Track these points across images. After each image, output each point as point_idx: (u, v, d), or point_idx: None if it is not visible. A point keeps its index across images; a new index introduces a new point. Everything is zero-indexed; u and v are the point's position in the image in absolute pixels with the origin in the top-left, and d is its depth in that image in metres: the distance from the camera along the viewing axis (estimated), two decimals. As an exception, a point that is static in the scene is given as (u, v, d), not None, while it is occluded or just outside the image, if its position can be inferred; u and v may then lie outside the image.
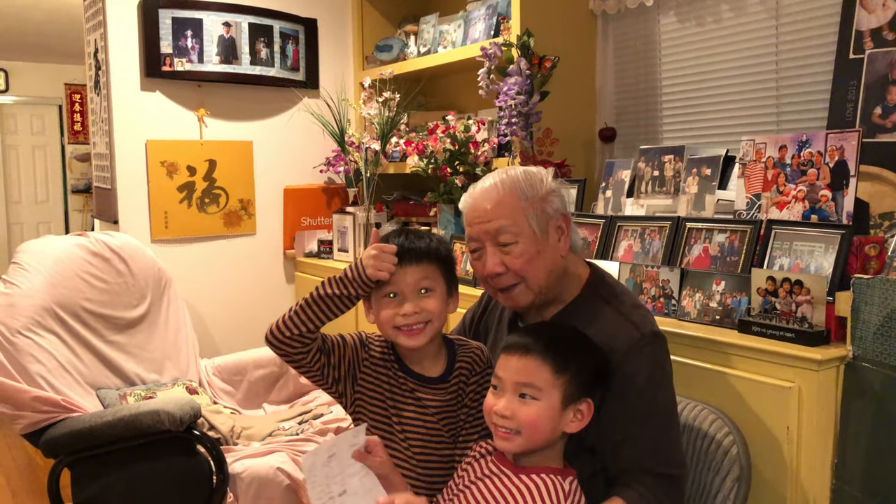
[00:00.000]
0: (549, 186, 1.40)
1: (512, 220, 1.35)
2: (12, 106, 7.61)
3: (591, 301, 1.40)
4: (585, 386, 1.23)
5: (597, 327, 1.33)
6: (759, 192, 1.84)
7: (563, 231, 1.39)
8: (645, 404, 1.30)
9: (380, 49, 3.30)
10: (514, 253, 1.35)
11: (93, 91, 3.22)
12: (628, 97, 2.66)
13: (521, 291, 1.38)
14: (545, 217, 1.37)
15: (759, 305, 1.61)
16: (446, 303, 1.40)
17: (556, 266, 1.38)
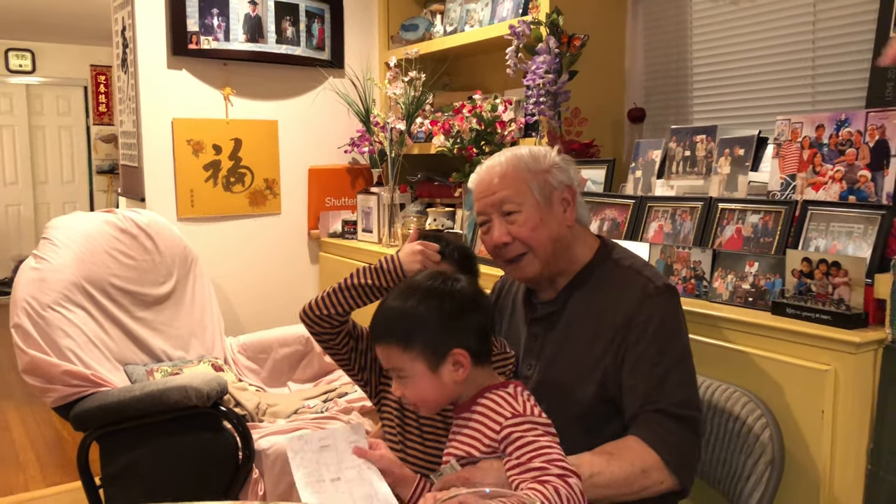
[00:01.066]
0: (553, 160, 1.43)
1: (515, 190, 1.39)
2: (39, 87, 7.68)
3: (602, 265, 1.43)
4: (441, 343, 1.23)
5: (609, 287, 1.38)
6: (794, 172, 1.80)
7: (568, 202, 1.42)
8: (657, 348, 1.31)
9: (405, 28, 3.28)
10: (518, 222, 1.38)
11: (120, 69, 3.23)
12: (658, 77, 2.61)
13: (529, 261, 1.40)
14: (548, 187, 1.40)
15: (794, 287, 1.58)
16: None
17: (561, 235, 1.40)
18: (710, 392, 1.55)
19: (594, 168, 2.34)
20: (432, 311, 1.23)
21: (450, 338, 1.23)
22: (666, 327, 1.33)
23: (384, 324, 1.26)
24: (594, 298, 1.39)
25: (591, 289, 1.40)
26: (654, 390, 1.29)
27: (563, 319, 1.41)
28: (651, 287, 1.35)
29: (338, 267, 3.21)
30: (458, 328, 1.24)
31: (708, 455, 1.53)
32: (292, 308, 3.28)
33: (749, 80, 2.31)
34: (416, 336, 1.22)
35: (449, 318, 1.23)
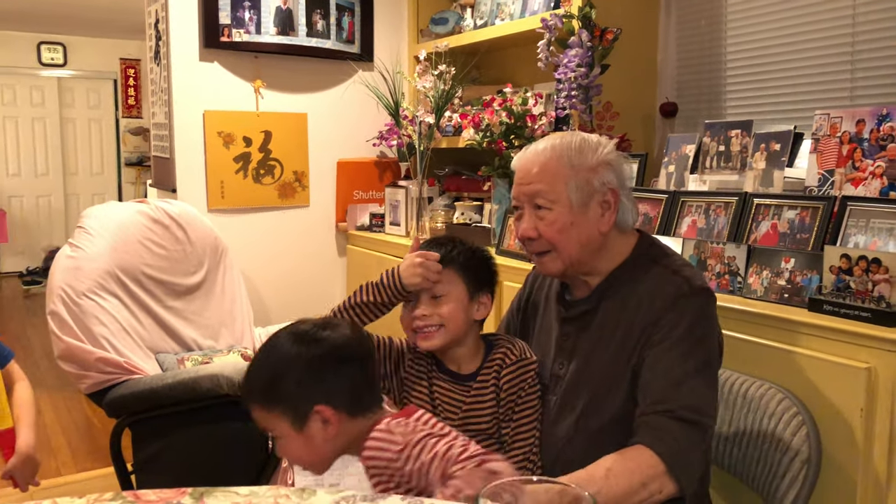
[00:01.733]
0: (604, 157, 1.34)
1: (550, 186, 1.33)
2: (70, 80, 7.80)
3: (639, 262, 1.37)
4: (302, 401, 1.18)
5: (646, 284, 1.33)
6: (832, 167, 1.78)
7: (609, 206, 1.34)
8: (681, 351, 1.26)
9: (435, 22, 3.27)
10: (547, 219, 1.34)
11: (152, 62, 3.26)
12: (691, 71, 2.59)
13: (551, 259, 1.37)
14: (589, 189, 1.33)
15: (832, 284, 1.56)
16: (467, 307, 1.41)
17: (591, 240, 1.35)
18: (745, 388, 1.54)
19: (627, 162, 2.32)
20: (291, 369, 1.18)
21: (312, 394, 1.17)
22: (694, 332, 1.27)
23: (246, 384, 1.23)
24: (630, 298, 1.34)
25: (627, 288, 1.35)
26: (668, 392, 1.25)
27: (597, 319, 1.36)
28: (686, 288, 1.29)
29: (365, 260, 3.23)
30: (321, 384, 1.18)
31: (742, 452, 1.52)
32: (320, 300, 3.33)
33: (785, 73, 2.28)
34: (275, 396, 1.18)
35: (309, 375, 1.18)
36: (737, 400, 1.54)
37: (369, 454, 1.20)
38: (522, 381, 1.40)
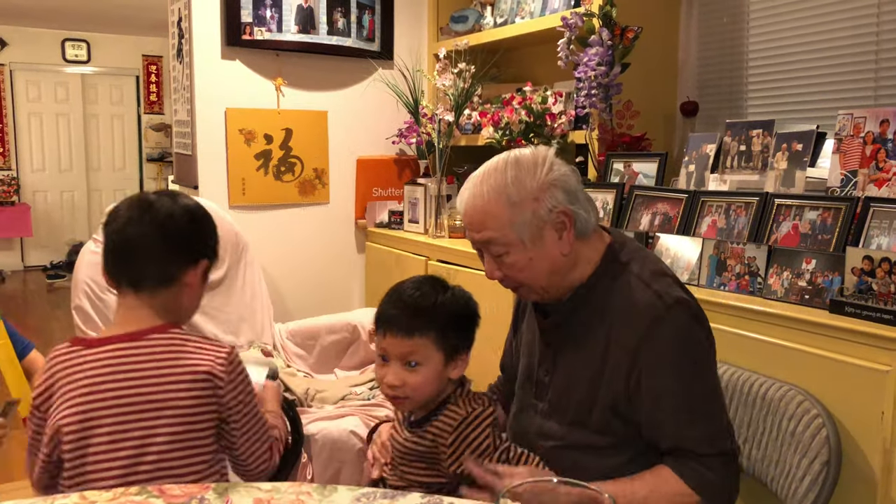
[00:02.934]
0: (545, 179, 1.27)
1: (499, 233, 1.27)
2: (93, 76, 7.89)
3: (609, 269, 1.33)
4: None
5: (620, 296, 1.29)
6: (855, 168, 1.76)
7: (564, 226, 1.28)
8: (676, 380, 1.24)
9: (455, 20, 3.28)
10: (506, 262, 1.30)
11: (175, 59, 3.30)
12: (712, 70, 2.57)
13: (525, 292, 1.36)
14: (537, 220, 1.26)
15: (854, 285, 1.55)
16: (441, 374, 1.32)
17: (556, 266, 1.30)
18: (765, 390, 1.53)
19: (646, 161, 2.32)
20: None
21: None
22: (682, 350, 1.25)
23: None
24: (606, 310, 1.31)
25: (601, 298, 1.31)
26: (684, 429, 1.24)
27: (574, 331, 1.34)
28: (660, 306, 1.24)
29: (383, 256, 3.24)
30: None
31: (761, 453, 1.52)
32: (339, 296, 3.36)
33: (807, 72, 2.26)
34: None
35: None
36: (756, 401, 1.54)
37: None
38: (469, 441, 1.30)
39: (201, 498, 1.10)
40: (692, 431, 1.24)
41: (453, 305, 1.34)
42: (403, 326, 1.30)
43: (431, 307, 1.31)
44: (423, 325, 1.30)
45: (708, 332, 1.32)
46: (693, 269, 1.92)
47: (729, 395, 1.60)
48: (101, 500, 1.09)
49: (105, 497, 1.10)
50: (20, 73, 7.51)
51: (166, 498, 1.10)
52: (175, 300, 1.38)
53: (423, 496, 1.12)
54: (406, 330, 1.29)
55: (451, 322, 1.32)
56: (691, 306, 1.29)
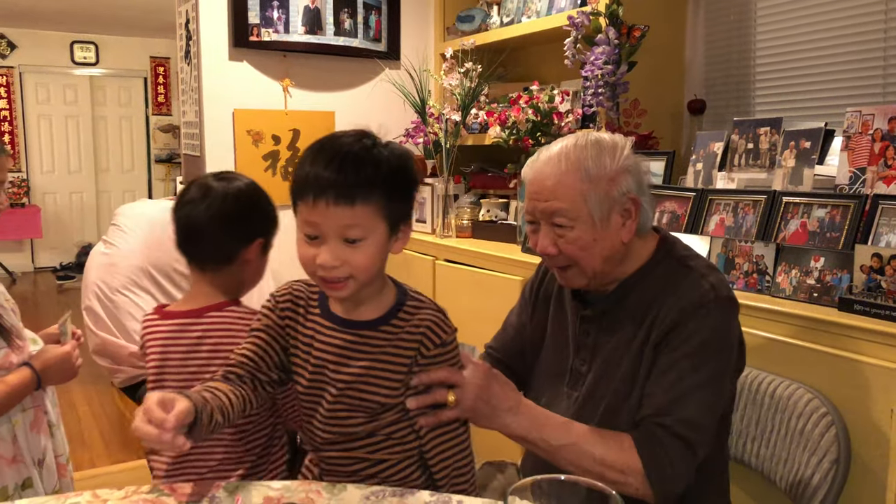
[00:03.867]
0: (623, 163, 1.27)
1: (570, 204, 1.25)
2: (101, 78, 7.93)
3: (664, 263, 1.32)
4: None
5: (671, 287, 1.28)
6: (863, 165, 1.76)
7: (630, 214, 1.28)
8: (691, 363, 1.22)
9: (461, 19, 3.28)
10: (567, 237, 1.27)
11: (183, 61, 3.31)
12: (719, 68, 2.57)
13: (574, 274, 1.32)
14: (609, 201, 1.26)
15: (863, 283, 1.55)
16: (385, 249, 1.12)
17: (614, 252, 1.29)
18: (773, 388, 1.53)
19: (653, 160, 2.32)
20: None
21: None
22: (711, 344, 1.23)
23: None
24: (654, 300, 1.28)
25: (651, 290, 1.30)
26: (671, 404, 1.22)
27: (618, 319, 1.33)
28: (711, 296, 1.23)
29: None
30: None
31: (770, 451, 1.52)
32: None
33: (815, 70, 2.26)
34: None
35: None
36: (765, 399, 1.54)
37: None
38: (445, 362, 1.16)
39: (212, 496, 1.11)
40: (675, 408, 1.21)
41: (396, 161, 1.10)
42: (343, 192, 1.04)
43: (375, 166, 1.07)
44: (367, 189, 1.05)
45: (741, 340, 1.32)
46: (701, 268, 1.92)
47: (737, 394, 1.60)
48: (113, 498, 1.10)
49: (117, 495, 1.11)
50: (29, 76, 7.55)
51: (177, 496, 1.11)
52: (235, 277, 1.51)
53: (432, 494, 1.12)
54: (347, 197, 1.04)
55: (396, 184, 1.09)
56: (737, 308, 1.29)
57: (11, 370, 1.52)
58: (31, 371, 1.53)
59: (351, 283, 1.10)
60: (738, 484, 1.69)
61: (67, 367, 1.59)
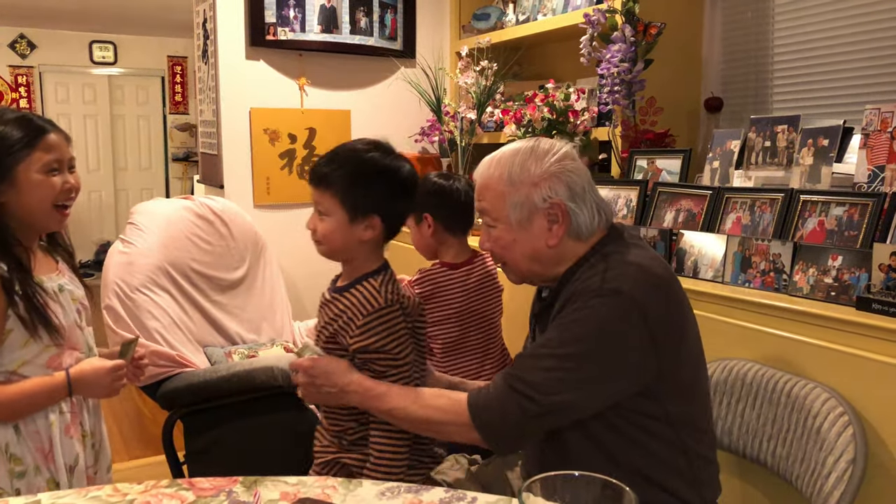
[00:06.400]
0: (549, 169, 1.30)
1: (492, 205, 1.33)
2: (119, 77, 7.99)
3: (591, 259, 1.32)
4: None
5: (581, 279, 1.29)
6: (882, 163, 1.74)
7: (557, 219, 1.30)
8: (557, 337, 1.24)
9: (477, 18, 3.28)
10: (492, 235, 1.36)
11: (200, 60, 3.34)
12: (736, 66, 2.55)
13: (507, 271, 1.41)
14: (529, 205, 1.30)
15: (881, 282, 1.53)
16: (347, 230, 1.42)
17: (538, 254, 1.33)
18: (790, 387, 1.53)
19: (669, 158, 2.31)
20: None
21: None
22: (582, 326, 1.23)
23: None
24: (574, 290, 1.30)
25: (576, 280, 1.31)
26: (522, 363, 1.27)
27: (552, 315, 1.33)
28: (596, 289, 1.24)
29: (405, 254, 3.25)
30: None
31: (786, 451, 1.51)
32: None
33: (833, 67, 2.24)
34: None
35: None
36: (781, 398, 1.53)
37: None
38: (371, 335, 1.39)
39: (230, 491, 1.12)
40: (523, 368, 1.26)
41: (364, 165, 1.41)
42: (314, 177, 1.44)
43: (340, 163, 1.41)
44: (327, 178, 1.41)
45: (640, 336, 1.23)
46: (717, 267, 1.91)
47: (753, 393, 1.60)
48: (132, 492, 1.12)
49: (137, 489, 1.12)
50: (49, 75, 7.63)
51: (196, 490, 1.12)
52: None
53: (447, 490, 1.13)
54: (315, 181, 1.43)
55: (354, 180, 1.40)
56: (631, 302, 1.22)
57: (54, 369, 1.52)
58: (65, 377, 1.51)
59: (321, 248, 1.46)
60: (753, 483, 1.69)
61: (103, 382, 1.54)
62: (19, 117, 1.48)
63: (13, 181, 1.45)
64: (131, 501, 1.09)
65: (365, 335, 1.38)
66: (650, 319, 1.22)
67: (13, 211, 1.47)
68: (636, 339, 1.22)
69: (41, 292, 1.48)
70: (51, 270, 1.58)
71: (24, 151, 1.45)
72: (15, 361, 1.48)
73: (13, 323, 1.45)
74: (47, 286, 1.51)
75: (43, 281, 1.52)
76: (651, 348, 1.23)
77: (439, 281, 2.09)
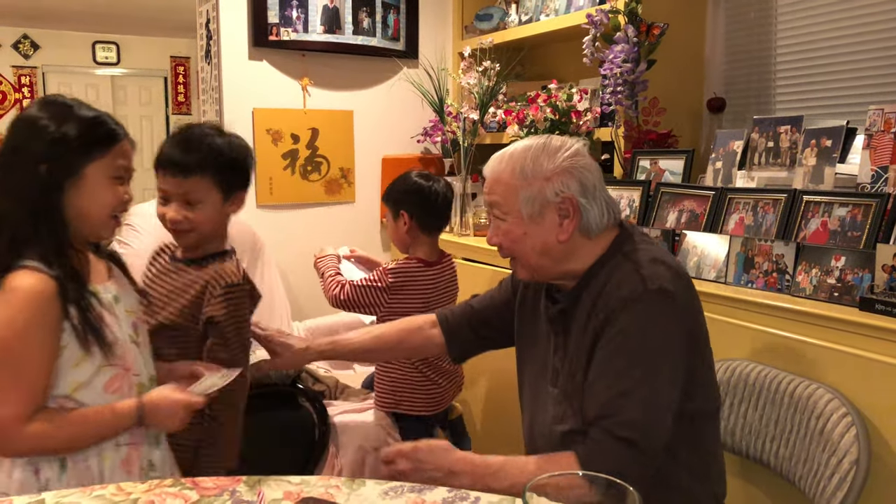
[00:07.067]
0: (562, 165, 1.31)
1: (504, 198, 1.34)
2: (122, 78, 8.01)
3: (610, 260, 1.33)
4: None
5: (611, 283, 1.29)
6: (886, 164, 1.74)
7: (568, 214, 1.31)
8: (626, 362, 1.22)
9: (480, 18, 3.29)
10: (501, 228, 1.36)
11: (203, 60, 3.34)
12: (740, 66, 2.55)
13: (516, 266, 1.40)
14: (541, 199, 1.31)
15: (885, 283, 1.53)
16: (221, 210, 1.50)
17: (548, 249, 1.33)
18: (792, 388, 1.53)
19: (672, 159, 2.31)
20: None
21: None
22: (644, 341, 1.23)
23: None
24: (598, 298, 1.30)
25: (596, 287, 1.31)
26: (611, 405, 1.22)
27: (574, 320, 1.35)
28: (641, 289, 1.24)
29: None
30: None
31: (789, 451, 1.51)
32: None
33: (837, 67, 2.24)
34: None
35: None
36: (784, 399, 1.53)
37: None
38: (235, 308, 1.49)
39: (233, 490, 1.13)
40: (616, 409, 1.21)
41: (228, 148, 1.49)
42: (181, 168, 1.45)
43: (207, 148, 1.46)
44: (200, 165, 1.44)
45: (687, 334, 1.27)
46: (720, 267, 1.91)
47: (756, 393, 1.60)
48: (136, 490, 1.12)
49: (141, 488, 1.13)
50: (52, 75, 7.65)
51: (199, 490, 1.12)
52: None
53: (450, 490, 1.13)
54: (183, 171, 1.45)
55: (226, 164, 1.48)
56: (676, 299, 1.25)
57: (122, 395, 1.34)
58: (135, 406, 1.32)
59: (192, 235, 1.51)
60: (756, 484, 1.69)
61: (177, 417, 1.34)
62: (96, 115, 1.36)
63: (78, 181, 1.30)
64: (135, 500, 1.09)
65: (220, 305, 1.45)
66: (690, 316, 1.28)
67: (69, 212, 1.30)
68: (684, 336, 1.26)
69: (97, 303, 1.31)
70: (104, 279, 1.39)
71: (98, 152, 1.31)
72: (70, 385, 1.28)
73: (68, 337, 1.26)
74: (102, 297, 1.34)
75: (98, 291, 1.34)
76: (693, 345, 1.28)
77: (412, 274, 2.21)
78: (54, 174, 1.26)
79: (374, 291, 2.18)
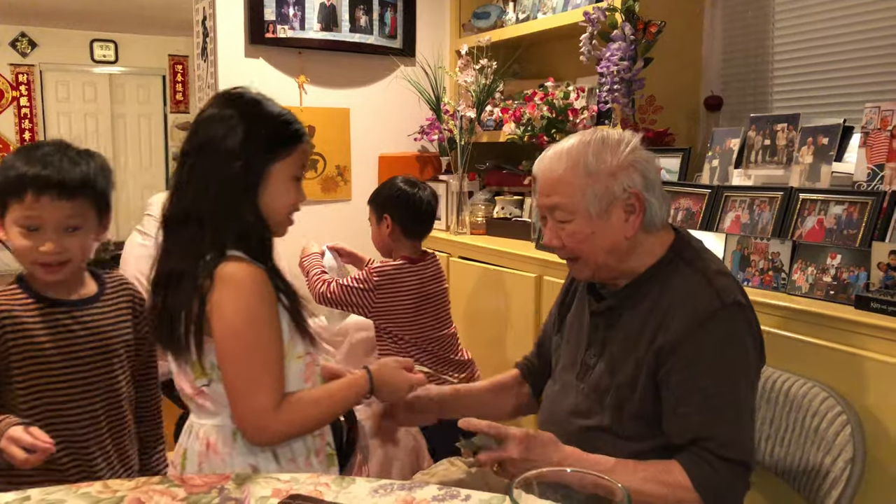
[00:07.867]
0: (625, 159, 1.29)
1: (568, 199, 1.29)
2: (120, 76, 8.00)
3: (671, 264, 1.32)
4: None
5: (677, 290, 1.28)
6: (882, 162, 1.73)
7: (634, 209, 1.30)
8: (713, 381, 1.22)
9: (477, 16, 3.28)
10: (567, 230, 1.32)
11: (199, 58, 3.33)
12: (736, 64, 2.54)
13: (579, 266, 1.36)
14: (608, 196, 1.28)
15: (880, 281, 1.53)
16: (94, 234, 1.39)
17: (616, 246, 1.31)
18: (788, 386, 1.52)
19: (669, 157, 2.30)
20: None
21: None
22: (726, 354, 1.23)
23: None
24: (659, 301, 1.30)
25: (657, 291, 1.31)
26: (708, 427, 1.22)
27: (624, 318, 1.34)
28: (717, 304, 1.23)
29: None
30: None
31: (784, 450, 1.50)
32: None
33: (833, 66, 2.23)
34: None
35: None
36: (779, 398, 1.52)
37: None
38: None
39: (221, 488, 1.11)
40: (715, 431, 1.22)
41: (101, 161, 1.41)
42: (66, 189, 1.29)
43: (88, 165, 1.35)
44: (85, 186, 1.32)
45: (758, 343, 1.30)
46: (716, 265, 1.90)
47: (751, 392, 1.59)
48: (123, 488, 1.11)
49: (128, 486, 1.11)
50: (50, 74, 7.63)
51: (187, 487, 1.11)
52: None
53: (441, 488, 1.12)
54: (69, 192, 1.29)
55: (103, 180, 1.38)
56: (747, 312, 1.27)
57: (313, 383, 1.33)
58: (366, 374, 1.33)
59: (69, 266, 1.35)
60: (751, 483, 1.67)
61: (402, 384, 1.36)
62: (284, 115, 1.36)
63: (266, 180, 1.29)
64: (121, 498, 1.08)
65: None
66: (757, 324, 1.30)
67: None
68: (758, 345, 1.30)
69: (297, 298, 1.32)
70: None
71: (284, 152, 1.31)
72: None
73: (282, 320, 1.27)
74: None
75: None
76: (763, 350, 1.33)
77: (398, 272, 2.26)
78: (248, 171, 1.24)
79: (360, 292, 2.21)
